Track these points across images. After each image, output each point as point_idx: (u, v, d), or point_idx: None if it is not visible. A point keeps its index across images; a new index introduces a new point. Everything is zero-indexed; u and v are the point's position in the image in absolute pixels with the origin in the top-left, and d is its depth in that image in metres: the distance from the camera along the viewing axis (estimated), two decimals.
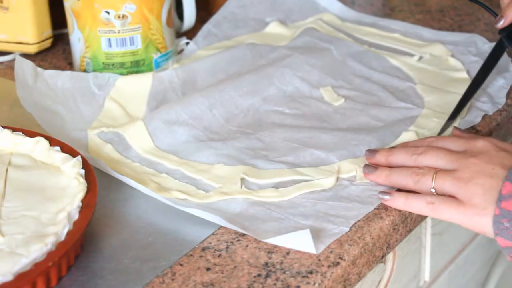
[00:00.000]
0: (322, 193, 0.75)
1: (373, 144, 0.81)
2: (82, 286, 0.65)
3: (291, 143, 0.82)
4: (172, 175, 0.78)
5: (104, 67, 0.96)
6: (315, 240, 0.67)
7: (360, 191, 0.75)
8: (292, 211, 0.73)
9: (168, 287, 0.65)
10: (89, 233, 0.70)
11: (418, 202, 0.71)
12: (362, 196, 0.74)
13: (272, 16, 1.10)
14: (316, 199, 0.74)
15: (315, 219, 0.71)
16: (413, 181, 0.72)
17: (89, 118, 0.88)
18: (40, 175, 0.74)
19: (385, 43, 1.03)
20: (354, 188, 0.76)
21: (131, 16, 0.94)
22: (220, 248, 0.69)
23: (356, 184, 0.76)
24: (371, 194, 0.75)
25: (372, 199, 0.74)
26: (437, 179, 0.71)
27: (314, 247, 0.67)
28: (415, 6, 1.17)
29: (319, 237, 0.69)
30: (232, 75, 0.94)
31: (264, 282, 0.65)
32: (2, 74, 1.00)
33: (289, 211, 0.73)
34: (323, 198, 0.74)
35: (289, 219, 0.72)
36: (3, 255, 0.64)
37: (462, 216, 0.69)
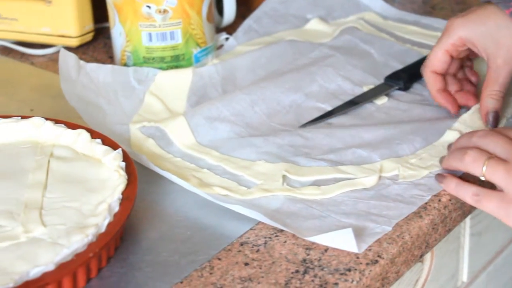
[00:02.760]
0: (364, 192, 0.75)
1: (416, 142, 0.81)
2: (121, 278, 0.66)
3: (333, 140, 0.82)
4: (214, 171, 0.78)
5: (145, 61, 0.96)
6: (357, 239, 0.67)
7: (403, 190, 0.75)
8: (333, 209, 0.73)
9: (207, 281, 0.65)
10: (129, 225, 0.71)
11: (464, 190, 0.72)
12: (405, 195, 0.74)
13: (313, 12, 1.09)
14: (357, 197, 0.74)
15: (356, 217, 0.71)
16: (463, 163, 0.72)
17: (130, 112, 0.88)
18: (81, 167, 0.75)
19: (428, 42, 1.02)
20: (397, 187, 0.75)
21: (172, 11, 0.94)
22: (258, 244, 0.69)
23: (399, 183, 0.76)
24: (414, 193, 0.74)
25: (414, 199, 0.74)
26: (489, 167, 0.70)
27: (356, 246, 0.67)
28: (456, 4, 1.16)
29: (361, 236, 0.68)
30: (273, 73, 0.94)
31: (302, 278, 0.65)
32: (44, 66, 1.01)
33: (330, 209, 0.73)
34: (365, 197, 0.74)
35: (330, 217, 0.71)
36: (45, 245, 0.65)
37: (503, 212, 0.69)
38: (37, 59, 1.03)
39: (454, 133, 0.81)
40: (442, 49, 0.84)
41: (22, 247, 0.65)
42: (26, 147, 0.77)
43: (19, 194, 0.71)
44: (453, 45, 0.83)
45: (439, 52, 0.84)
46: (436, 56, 0.84)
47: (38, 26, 1.03)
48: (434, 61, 0.85)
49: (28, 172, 0.74)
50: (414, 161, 0.78)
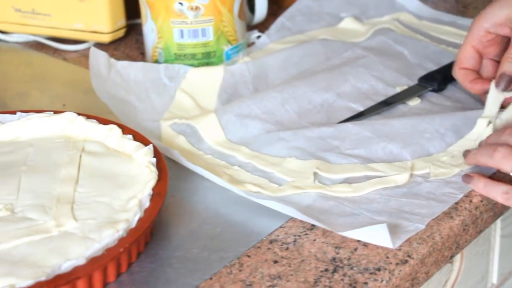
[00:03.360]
0: (395, 190, 0.74)
1: (447, 137, 0.80)
2: (151, 273, 0.66)
3: (363, 130, 0.81)
4: (245, 168, 0.78)
5: (176, 57, 0.97)
6: (391, 236, 0.67)
7: (434, 189, 0.74)
8: (366, 207, 0.73)
9: (236, 277, 0.65)
10: (159, 221, 0.71)
11: (494, 189, 0.72)
12: (437, 193, 0.74)
13: (347, 11, 1.09)
14: (389, 195, 0.74)
15: (389, 215, 0.71)
16: (493, 160, 0.72)
17: (161, 109, 0.89)
18: (112, 162, 0.75)
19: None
20: (428, 185, 0.75)
21: (204, 8, 0.95)
22: (287, 241, 0.69)
23: (430, 181, 0.75)
24: (446, 191, 0.74)
25: (447, 197, 0.73)
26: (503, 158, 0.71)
27: (391, 241, 0.67)
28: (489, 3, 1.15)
29: (395, 234, 0.68)
30: (305, 71, 0.94)
31: (331, 277, 0.65)
32: (76, 62, 1.02)
33: (363, 207, 0.73)
34: (396, 195, 0.74)
35: (363, 215, 0.71)
36: (76, 239, 0.65)
37: None
38: (70, 55, 1.04)
39: (485, 121, 0.80)
40: (467, 44, 0.84)
41: (54, 240, 0.65)
42: (59, 141, 0.78)
43: (51, 188, 0.72)
44: (477, 38, 0.84)
45: (465, 48, 0.84)
46: (463, 52, 0.85)
47: (71, 22, 1.04)
48: (461, 57, 0.85)
49: (60, 166, 0.74)
50: (445, 159, 0.78)
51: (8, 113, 0.80)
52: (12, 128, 0.79)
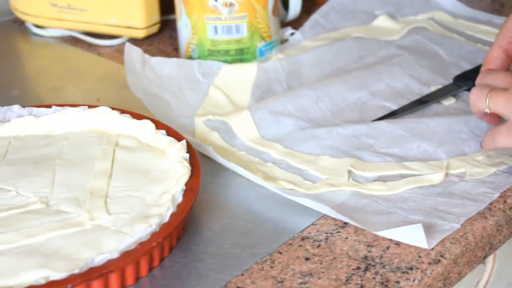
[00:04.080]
0: (431, 189, 0.74)
1: None
2: (183, 268, 0.66)
3: (397, 128, 0.81)
4: (278, 165, 0.78)
5: (209, 53, 0.97)
6: (426, 235, 0.67)
7: (470, 188, 0.74)
8: (401, 205, 0.72)
9: (267, 274, 0.66)
10: (191, 216, 0.72)
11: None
12: (473, 193, 0.73)
13: (382, 9, 1.09)
14: (424, 194, 0.73)
15: (424, 214, 0.71)
16: (471, 103, 0.75)
17: (194, 105, 0.89)
18: (146, 157, 0.76)
19: None
20: (464, 184, 0.74)
21: (238, 4, 0.95)
22: (319, 239, 0.69)
23: (466, 180, 0.75)
24: (481, 191, 0.73)
25: (483, 197, 0.73)
26: (491, 99, 0.73)
27: (427, 242, 0.66)
28: None
29: (430, 233, 0.68)
30: (339, 69, 0.94)
31: (363, 275, 0.65)
32: (111, 57, 1.03)
33: (397, 205, 0.72)
34: (432, 194, 0.73)
35: (398, 213, 0.71)
36: (109, 233, 0.66)
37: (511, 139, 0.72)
38: (104, 50, 1.05)
39: None
40: (495, 45, 0.83)
41: (88, 234, 0.66)
42: (93, 136, 0.79)
43: (85, 181, 0.72)
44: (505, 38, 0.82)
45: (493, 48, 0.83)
46: (490, 53, 0.83)
47: (106, 17, 1.04)
48: (488, 58, 0.83)
49: (94, 160, 0.75)
50: (481, 158, 0.78)
51: (44, 106, 0.81)
52: (47, 122, 0.79)
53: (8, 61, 1.03)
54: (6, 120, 0.80)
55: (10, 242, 0.65)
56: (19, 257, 0.63)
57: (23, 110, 0.80)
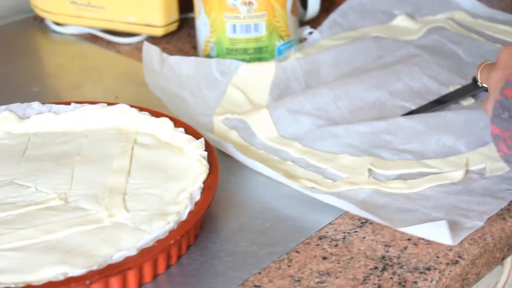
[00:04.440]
0: (451, 186, 0.74)
1: None
2: (200, 266, 0.67)
3: (415, 123, 0.81)
4: (298, 163, 0.79)
5: (228, 52, 0.97)
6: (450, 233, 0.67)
7: (491, 185, 0.74)
8: (422, 203, 0.72)
9: (284, 273, 0.66)
10: (208, 214, 0.72)
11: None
12: (494, 190, 0.73)
13: (401, 9, 1.08)
14: (445, 192, 0.73)
15: (446, 212, 0.71)
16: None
17: (213, 104, 0.89)
18: (164, 154, 0.76)
19: None
20: (485, 181, 0.74)
21: (257, 2, 0.95)
22: (337, 238, 0.69)
23: (487, 177, 0.75)
24: (503, 188, 0.73)
25: (504, 194, 0.73)
26: (480, 71, 0.77)
27: (451, 239, 0.66)
28: None
29: (453, 231, 0.68)
30: (357, 69, 0.94)
31: (380, 275, 0.65)
32: (129, 55, 1.03)
33: (419, 203, 0.72)
34: (452, 191, 0.73)
35: (419, 211, 0.71)
36: (127, 230, 0.66)
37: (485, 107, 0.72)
38: (123, 47, 1.05)
39: None
40: None
41: (106, 231, 0.66)
42: (111, 133, 0.79)
43: (104, 178, 0.72)
44: None
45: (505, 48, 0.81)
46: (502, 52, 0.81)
47: (125, 15, 1.05)
48: None
49: (113, 157, 0.75)
50: None
51: (63, 103, 0.81)
52: (66, 119, 0.80)
53: (28, 58, 1.04)
54: (25, 117, 0.80)
55: (29, 238, 0.65)
56: (38, 253, 0.64)
57: (43, 107, 0.81)
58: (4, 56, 1.04)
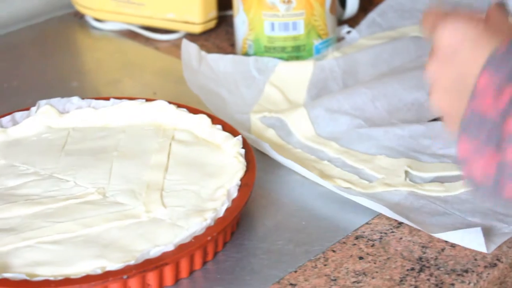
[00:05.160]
0: None
1: None
2: (236, 263, 0.67)
3: None
4: (334, 163, 0.78)
5: (266, 50, 0.97)
6: (485, 239, 0.66)
7: None
8: (458, 207, 0.72)
9: (320, 272, 0.65)
10: (245, 211, 0.72)
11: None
12: None
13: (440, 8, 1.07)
14: None
15: (483, 216, 0.70)
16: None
17: (250, 102, 0.89)
18: (201, 151, 0.76)
19: None
20: None
21: (295, 1, 0.95)
22: (373, 238, 0.69)
23: None
24: None
25: None
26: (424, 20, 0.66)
27: (485, 246, 0.66)
28: None
29: (489, 236, 0.67)
30: (396, 69, 0.93)
31: (417, 276, 0.65)
32: (168, 51, 1.03)
33: (455, 207, 0.72)
34: None
35: (455, 215, 0.70)
36: (164, 226, 0.67)
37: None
38: (161, 44, 1.05)
39: None
40: None
41: (143, 226, 0.67)
42: (149, 129, 0.79)
43: (142, 174, 0.73)
44: None
45: None
46: None
47: (164, 12, 1.05)
48: None
49: (151, 153, 0.76)
50: None
51: (102, 99, 0.82)
52: (105, 114, 0.80)
53: (68, 53, 1.05)
54: (65, 111, 0.81)
55: (68, 232, 0.66)
56: (77, 246, 0.64)
57: (82, 102, 0.82)
58: (45, 52, 1.05)
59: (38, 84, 0.96)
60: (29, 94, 0.92)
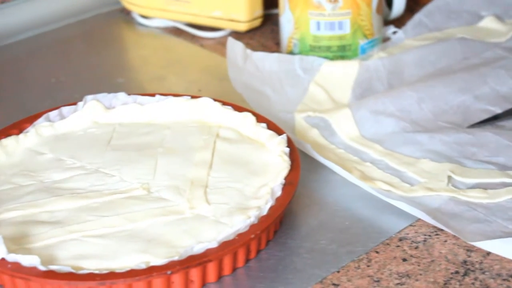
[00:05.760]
0: None
1: None
2: (279, 262, 0.67)
3: (502, 138, 0.79)
4: (377, 165, 0.78)
5: (311, 49, 0.97)
6: None
7: None
8: (500, 214, 0.70)
9: (363, 273, 0.65)
10: (288, 210, 0.72)
11: None
12: None
13: (489, 10, 1.06)
14: None
15: None
16: None
17: (294, 101, 0.89)
18: (246, 149, 0.76)
19: None
20: None
21: (342, 0, 0.94)
22: (417, 240, 0.68)
23: None
24: None
25: None
26: None
27: None
28: None
29: None
30: (442, 70, 0.92)
31: (461, 280, 0.64)
32: (213, 49, 1.04)
33: (497, 214, 0.70)
34: None
35: (496, 222, 0.69)
36: (208, 223, 0.67)
37: None
38: (206, 42, 1.06)
39: None
40: None
41: (187, 222, 0.67)
42: (194, 126, 0.80)
43: (186, 171, 0.73)
44: None
45: None
46: None
47: (210, 10, 1.05)
48: None
49: (195, 150, 0.76)
50: None
51: (148, 95, 0.83)
52: (150, 110, 0.81)
53: (114, 49, 1.06)
54: (111, 107, 0.82)
55: (113, 226, 0.66)
56: (121, 241, 0.65)
57: (128, 98, 0.82)
58: (91, 47, 1.06)
59: (84, 79, 0.97)
60: (76, 89, 0.93)
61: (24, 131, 0.78)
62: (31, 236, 0.66)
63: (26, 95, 0.94)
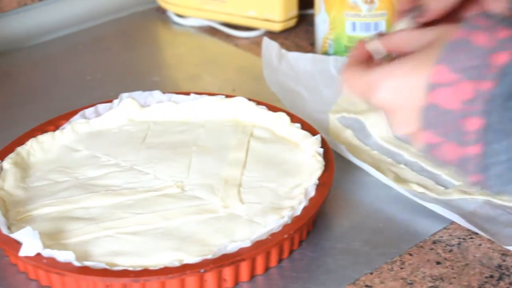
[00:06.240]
0: None
1: None
2: (312, 262, 0.67)
3: None
4: (411, 167, 0.77)
5: (346, 50, 0.97)
6: None
7: None
8: None
9: (397, 275, 0.65)
10: (322, 211, 0.71)
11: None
12: None
13: None
14: None
15: None
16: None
17: (329, 101, 0.89)
18: (279, 149, 0.76)
19: None
20: None
21: (378, 1, 0.94)
22: (451, 244, 0.68)
23: None
24: None
25: None
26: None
27: None
28: None
29: None
30: None
31: (496, 284, 0.63)
32: (247, 49, 1.04)
33: None
34: None
35: None
36: (242, 222, 0.67)
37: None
38: (241, 41, 1.06)
39: None
40: None
41: (221, 221, 0.67)
42: (228, 125, 0.80)
43: (220, 169, 0.73)
44: None
45: None
46: None
47: (245, 9, 1.06)
48: None
49: (229, 149, 0.76)
50: None
51: (183, 94, 0.83)
52: (185, 109, 0.81)
53: (150, 48, 1.06)
54: (146, 105, 0.82)
55: (147, 223, 0.67)
56: (156, 238, 0.65)
57: (163, 96, 0.83)
58: (127, 46, 1.07)
59: (120, 77, 0.98)
60: (112, 87, 0.94)
61: (60, 127, 0.79)
62: (66, 232, 0.66)
63: (62, 92, 0.95)
